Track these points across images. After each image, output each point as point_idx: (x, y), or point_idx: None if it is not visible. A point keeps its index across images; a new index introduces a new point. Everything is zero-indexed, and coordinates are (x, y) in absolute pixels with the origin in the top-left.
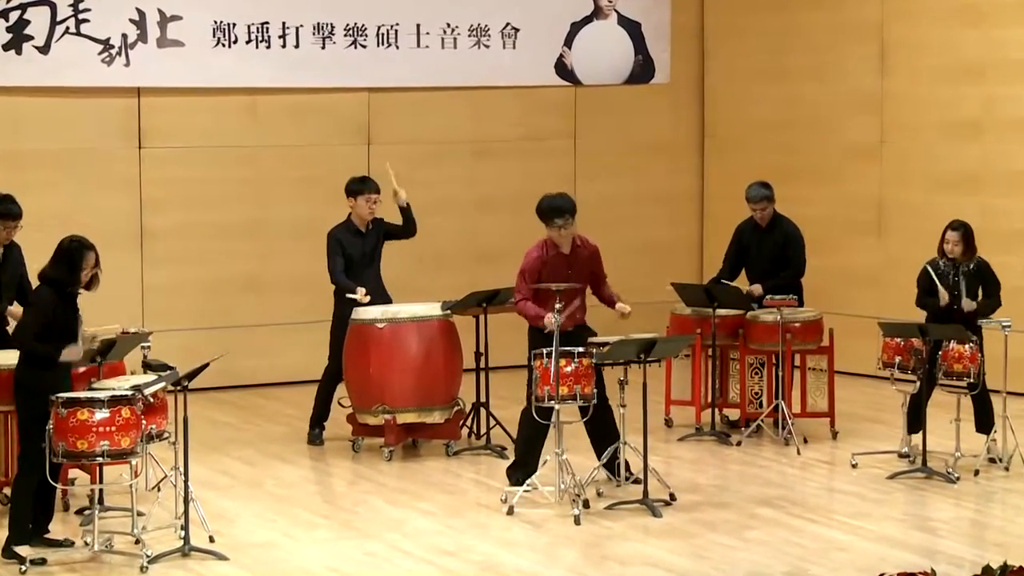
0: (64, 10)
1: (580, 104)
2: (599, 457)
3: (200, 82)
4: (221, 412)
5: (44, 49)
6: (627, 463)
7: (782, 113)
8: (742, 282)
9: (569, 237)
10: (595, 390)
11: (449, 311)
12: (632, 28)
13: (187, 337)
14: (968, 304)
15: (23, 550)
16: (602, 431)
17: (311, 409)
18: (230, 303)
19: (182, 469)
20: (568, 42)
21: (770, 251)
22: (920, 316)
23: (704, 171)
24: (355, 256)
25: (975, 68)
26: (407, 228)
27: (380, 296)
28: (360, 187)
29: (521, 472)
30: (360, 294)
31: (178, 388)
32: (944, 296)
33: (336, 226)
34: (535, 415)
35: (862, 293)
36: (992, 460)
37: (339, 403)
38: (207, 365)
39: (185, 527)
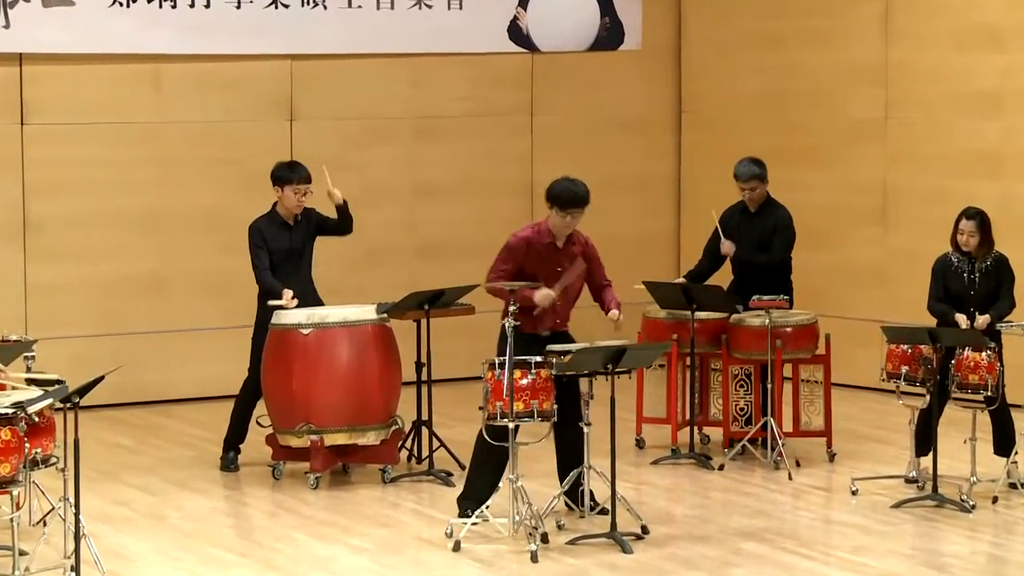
0: None
1: (538, 74)
2: (562, 483)
3: (93, 48)
4: (118, 433)
5: None
6: (591, 491)
7: (771, 85)
8: (723, 277)
9: (568, 230)
10: (556, 405)
11: (385, 314)
12: None
13: (78, 345)
14: (982, 321)
15: None
16: (572, 455)
17: (224, 430)
18: (129, 306)
19: (72, 500)
20: (523, 2)
21: (756, 238)
22: (931, 319)
23: (681, 152)
24: (280, 253)
25: (993, 33)
26: (342, 224)
27: (310, 301)
28: (288, 175)
29: (472, 501)
30: (287, 298)
31: (67, 405)
32: (963, 322)
33: (259, 218)
34: (486, 435)
35: (863, 293)
36: (1013, 486)
37: (257, 422)
38: (102, 378)
39: (76, 568)
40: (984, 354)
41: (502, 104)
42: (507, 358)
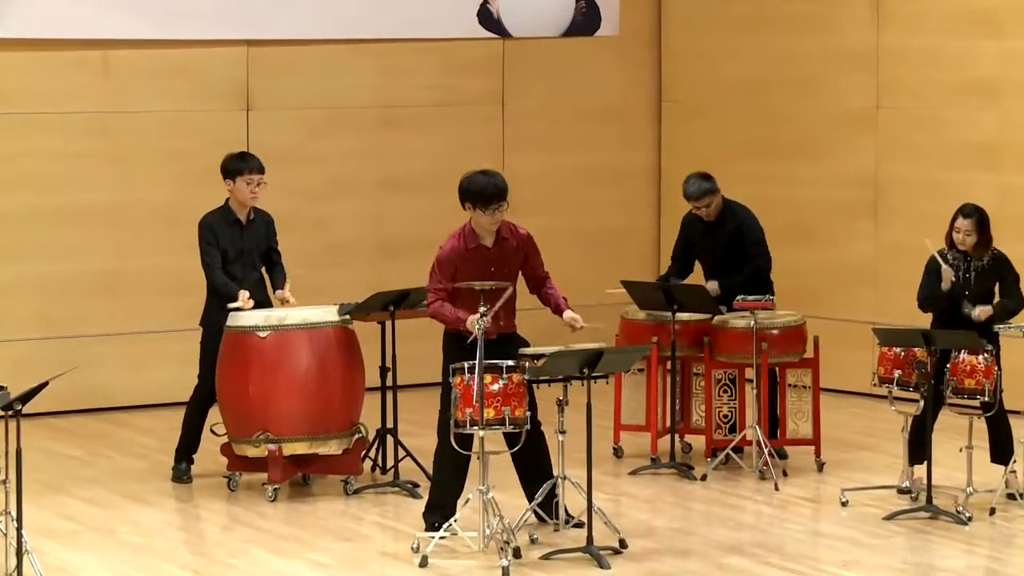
0: None
1: (509, 61)
2: (530, 497)
3: (38, 33)
4: (64, 442)
5: None
6: (565, 504)
7: (757, 73)
8: (697, 277)
9: (496, 226)
10: (529, 412)
11: (348, 316)
12: None
13: (23, 348)
14: (980, 312)
15: None
16: (533, 465)
17: (177, 439)
18: (78, 306)
19: (14, 514)
20: None
21: (723, 247)
22: (925, 321)
23: (661, 143)
24: (231, 252)
25: (990, 17)
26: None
27: (264, 306)
28: (238, 165)
29: (439, 514)
30: (243, 299)
31: (10, 413)
32: (948, 276)
33: (209, 213)
34: (454, 444)
35: (854, 292)
36: (1011, 496)
37: (211, 431)
38: (46, 384)
39: None
40: (981, 357)
41: (472, 93)
42: (477, 362)
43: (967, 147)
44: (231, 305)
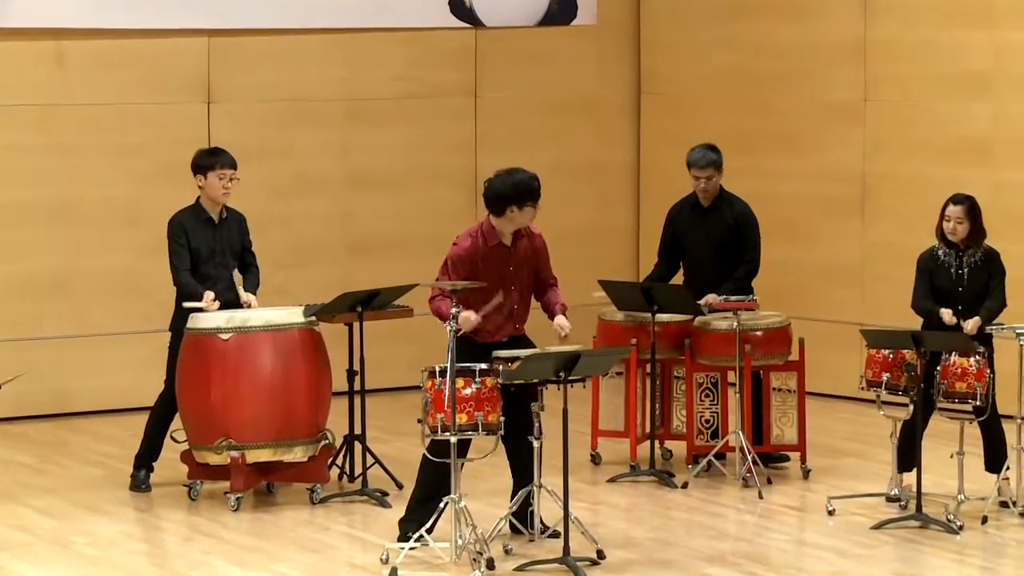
0: None
1: (482, 52)
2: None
3: None
4: (17, 450)
5: None
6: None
7: (739, 64)
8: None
9: (528, 223)
10: (503, 418)
11: (314, 317)
12: None
13: None
14: (972, 326)
15: None
16: (527, 471)
17: (136, 445)
18: (31, 309)
19: None
20: None
21: (717, 238)
22: (914, 321)
23: (640, 137)
24: (203, 252)
25: (983, 8)
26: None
27: (236, 307)
28: (210, 160)
29: (414, 523)
30: (207, 299)
31: None
32: (949, 317)
33: (180, 211)
34: (426, 451)
35: (841, 292)
36: (1004, 504)
37: (171, 437)
38: None
39: None
40: (973, 360)
41: (443, 85)
42: (448, 365)
43: (958, 142)
44: (187, 304)
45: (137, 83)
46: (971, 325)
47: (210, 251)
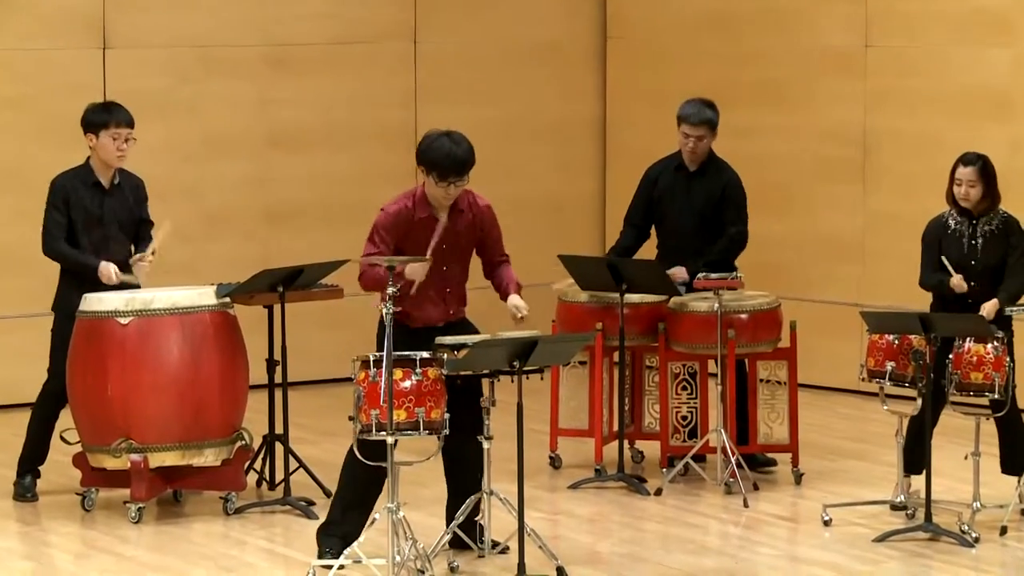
0: None
1: None
2: (452, 513)
3: None
4: None
5: None
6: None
7: (720, 4)
8: (648, 250)
9: (450, 201)
10: (447, 415)
11: (228, 298)
12: None
13: None
14: (991, 308)
15: None
16: (471, 474)
17: (18, 448)
18: None
19: None
20: None
21: (700, 207)
22: (924, 302)
23: (607, 90)
24: (86, 222)
25: None
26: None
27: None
28: (103, 118)
29: (337, 537)
30: (109, 271)
31: None
32: (959, 283)
33: (65, 172)
34: (357, 453)
35: (838, 269)
36: None
37: (61, 438)
38: None
39: None
40: (990, 346)
41: (377, 27)
42: (385, 353)
43: (973, 93)
44: (115, 280)
45: (19, 26)
46: (989, 309)
47: (95, 221)
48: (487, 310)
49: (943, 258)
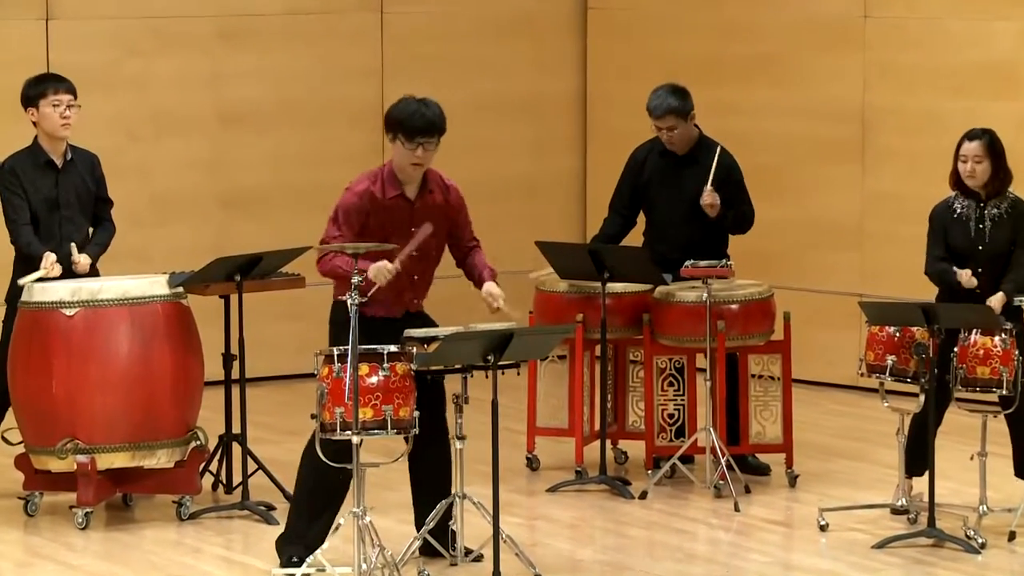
0: None
1: None
2: (422, 520)
3: None
4: None
5: None
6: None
7: None
8: (636, 236)
9: (419, 170)
10: (417, 413)
11: (181, 288)
12: None
13: None
14: (998, 300)
15: None
16: (433, 480)
17: None
18: None
19: None
20: None
21: (691, 194)
22: (927, 292)
23: (587, 63)
24: (43, 205)
25: None
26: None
27: (89, 274)
28: (40, 88)
29: (300, 545)
30: (47, 263)
31: None
32: (968, 278)
33: (13, 155)
34: (321, 454)
35: (835, 256)
36: None
37: (2, 438)
38: None
39: None
40: (997, 339)
41: None
42: (350, 347)
43: (978, 68)
44: (22, 281)
45: None
46: (996, 301)
47: (52, 203)
48: (453, 299)
49: (946, 262)
